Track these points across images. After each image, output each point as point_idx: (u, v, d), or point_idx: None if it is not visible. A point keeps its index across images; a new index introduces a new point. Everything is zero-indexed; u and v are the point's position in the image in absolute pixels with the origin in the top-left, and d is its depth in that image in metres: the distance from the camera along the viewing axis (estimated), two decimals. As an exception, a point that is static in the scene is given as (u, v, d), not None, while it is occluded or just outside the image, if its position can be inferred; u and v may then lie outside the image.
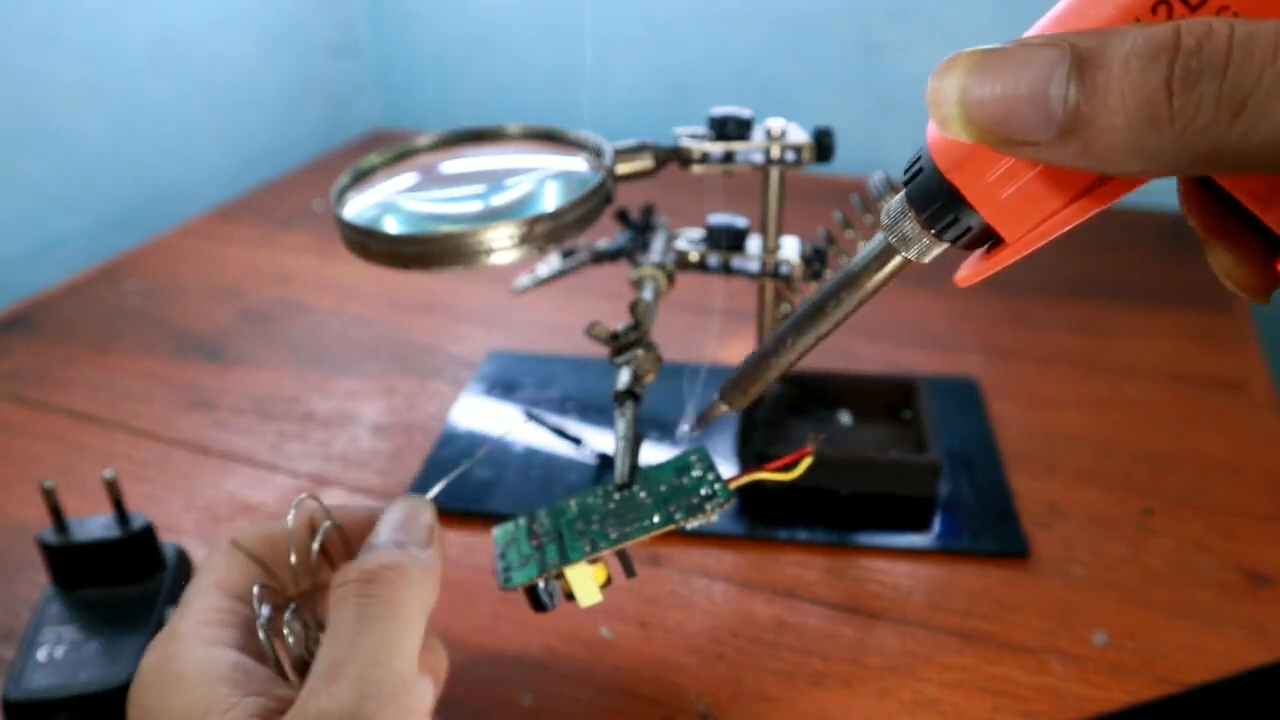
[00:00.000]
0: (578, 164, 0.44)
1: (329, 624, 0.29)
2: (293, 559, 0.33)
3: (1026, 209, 0.21)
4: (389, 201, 0.42)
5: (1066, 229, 0.21)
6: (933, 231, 0.23)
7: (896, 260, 0.24)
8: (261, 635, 0.30)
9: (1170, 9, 0.18)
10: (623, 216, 0.50)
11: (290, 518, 0.33)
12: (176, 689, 0.28)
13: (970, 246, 0.23)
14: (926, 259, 0.23)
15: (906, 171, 0.23)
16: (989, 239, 0.23)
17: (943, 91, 0.20)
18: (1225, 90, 0.16)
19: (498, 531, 0.35)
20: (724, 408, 0.31)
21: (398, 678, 0.28)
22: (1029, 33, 0.20)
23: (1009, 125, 0.19)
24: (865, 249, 0.25)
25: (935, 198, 0.22)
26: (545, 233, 0.38)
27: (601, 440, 0.55)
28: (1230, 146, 0.17)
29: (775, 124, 0.44)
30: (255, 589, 0.31)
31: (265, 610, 0.30)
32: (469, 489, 0.52)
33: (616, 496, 0.34)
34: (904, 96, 0.96)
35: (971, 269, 0.23)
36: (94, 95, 0.83)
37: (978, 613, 0.44)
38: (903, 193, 0.23)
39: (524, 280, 0.54)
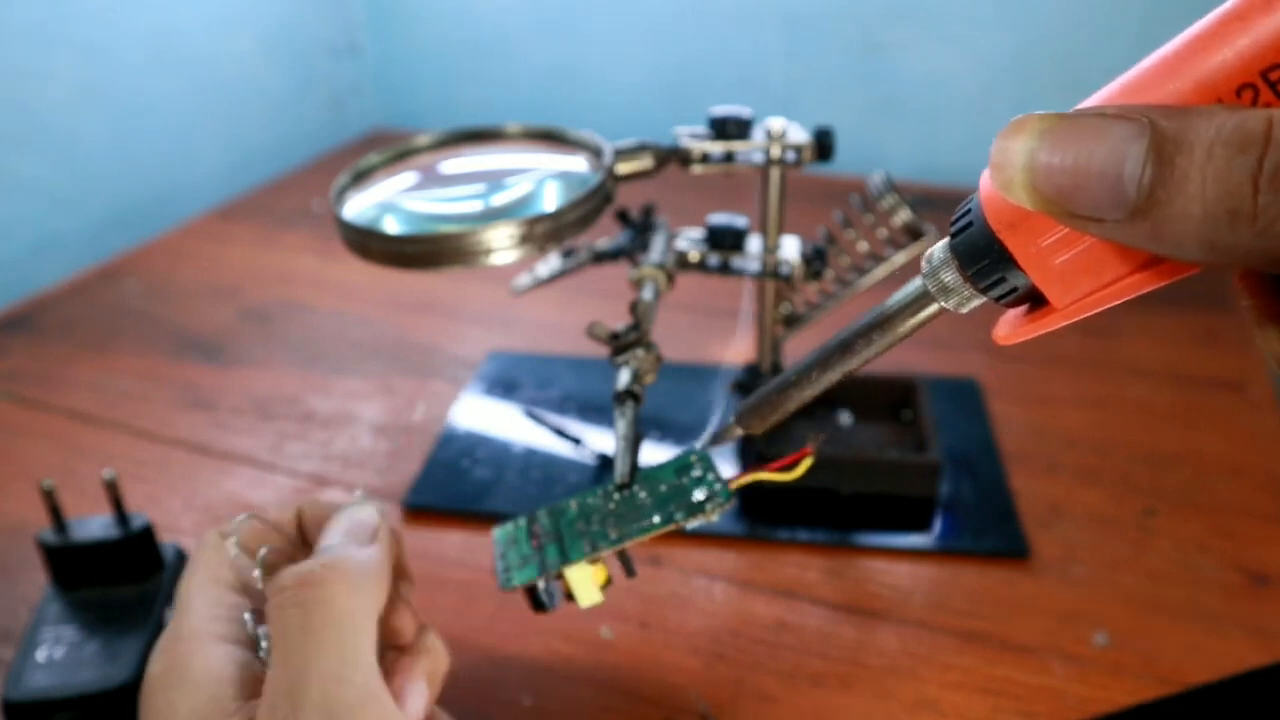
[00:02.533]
0: (578, 164, 0.44)
1: (274, 639, 0.28)
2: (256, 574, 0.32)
3: (1079, 278, 0.20)
4: (389, 201, 0.42)
5: (1119, 301, 0.20)
6: (976, 287, 0.22)
7: (932, 308, 0.23)
8: (249, 623, 0.30)
9: (1257, 93, 0.16)
10: (623, 216, 0.50)
11: (234, 541, 0.32)
12: (182, 690, 0.28)
13: (1013, 305, 0.22)
14: (964, 310, 0.23)
15: (954, 223, 0.22)
16: (1034, 299, 0.22)
17: (1009, 153, 0.18)
18: None
19: (498, 532, 0.35)
20: (739, 431, 0.31)
21: (363, 689, 0.27)
22: (1099, 98, 0.19)
23: (1077, 199, 0.18)
24: (902, 292, 0.24)
25: (983, 255, 0.21)
26: (545, 233, 0.38)
27: (601, 440, 0.55)
28: None
29: (775, 124, 0.44)
30: (262, 551, 0.31)
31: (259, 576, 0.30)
32: (469, 489, 0.52)
33: (616, 496, 0.34)
34: (904, 96, 0.96)
35: (1012, 328, 0.22)
36: (94, 95, 0.83)
37: (978, 613, 0.44)
38: (946, 241, 0.22)
39: (524, 280, 0.54)
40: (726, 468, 0.44)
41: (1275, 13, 0.16)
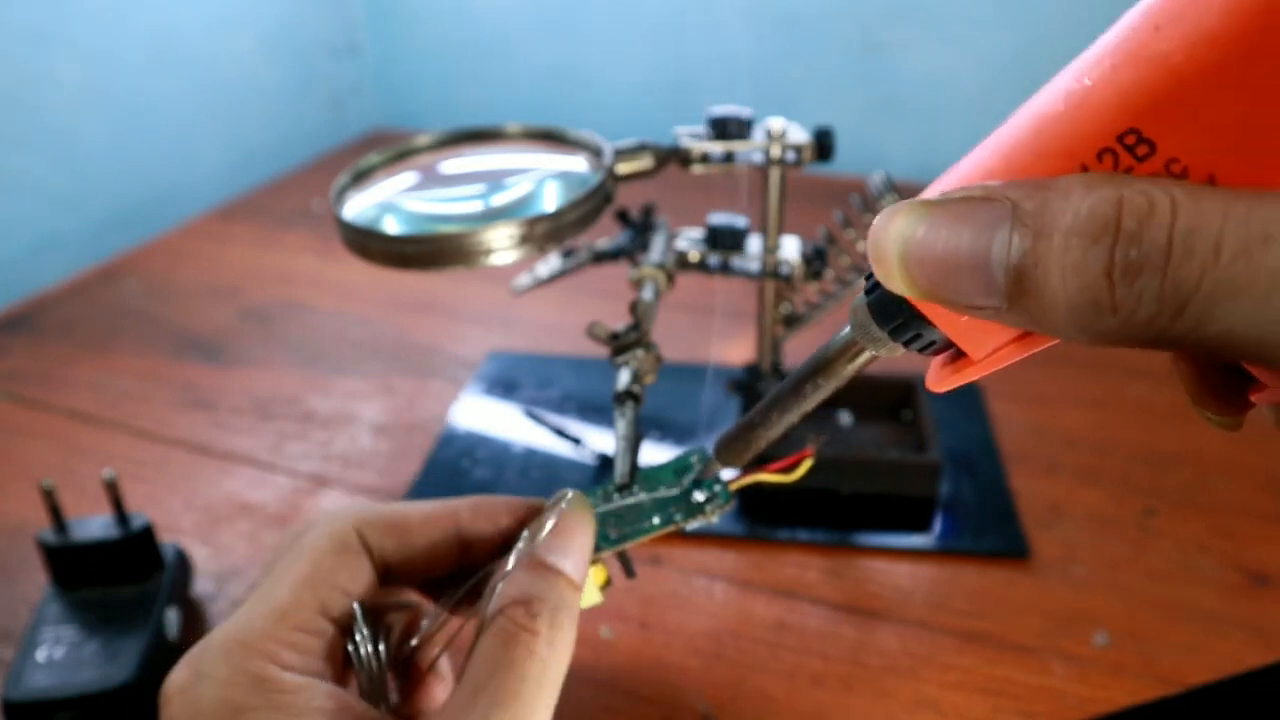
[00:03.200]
0: (578, 164, 0.44)
1: (494, 659, 0.26)
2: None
3: (988, 333, 0.20)
4: (389, 201, 0.42)
5: (1035, 351, 0.20)
6: (897, 340, 0.22)
7: (866, 355, 0.24)
8: (363, 663, 0.28)
9: (1116, 158, 0.16)
10: (623, 216, 0.50)
11: (511, 559, 0.29)
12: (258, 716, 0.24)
13: (938, 354, 0.22)
14: (897, 354, 0.23)
15: (868, 278, 0.22)
16: (957, 348, 0.22)
17: (883, 246, 0.18)
18: (1166, 288, 0.15)
19: (497, 532, 0.35)
20: (719, 466, 0.32)
21: None
22: (970, 164, 0.18)
23: (951, 289, 0.18)
24: (836, 339, 0.24)
25: (896, 314, 0.21)
26: (545, 233, 0.38)
27: (601, 440, 0.55)
28: (1176, 339, 0.15)
29: (775, 124, 0.44)
30: (356, 607, 0.28)
31: (367, 645, 0.28)
32: (469, 489, 0.52)
33: (616, 497, 0.34)
34: (904, 96, 0.96)
35: (940, 377, 0.22)
36: (94, 95, 0.83)
37: (978, 613, 0.44)
38: (865, 298, 0.22)
39: (524, 280, 0.54)
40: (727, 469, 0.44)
41: (1119, 81, 0.16)
